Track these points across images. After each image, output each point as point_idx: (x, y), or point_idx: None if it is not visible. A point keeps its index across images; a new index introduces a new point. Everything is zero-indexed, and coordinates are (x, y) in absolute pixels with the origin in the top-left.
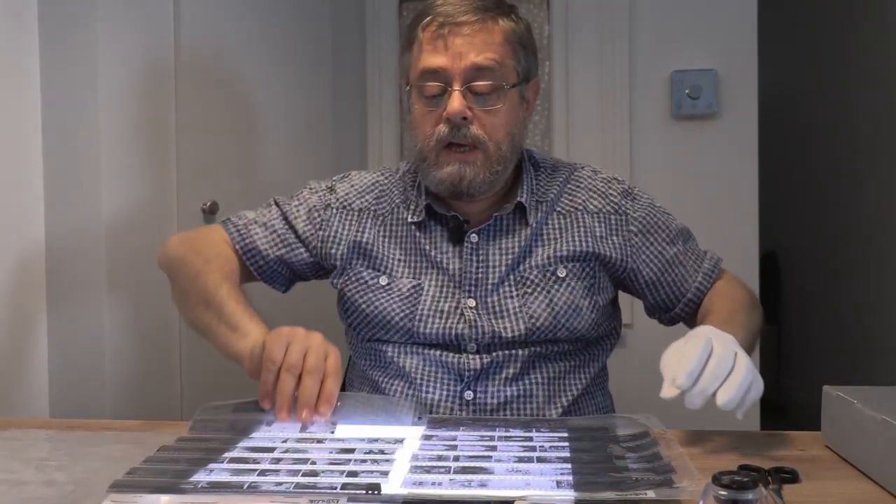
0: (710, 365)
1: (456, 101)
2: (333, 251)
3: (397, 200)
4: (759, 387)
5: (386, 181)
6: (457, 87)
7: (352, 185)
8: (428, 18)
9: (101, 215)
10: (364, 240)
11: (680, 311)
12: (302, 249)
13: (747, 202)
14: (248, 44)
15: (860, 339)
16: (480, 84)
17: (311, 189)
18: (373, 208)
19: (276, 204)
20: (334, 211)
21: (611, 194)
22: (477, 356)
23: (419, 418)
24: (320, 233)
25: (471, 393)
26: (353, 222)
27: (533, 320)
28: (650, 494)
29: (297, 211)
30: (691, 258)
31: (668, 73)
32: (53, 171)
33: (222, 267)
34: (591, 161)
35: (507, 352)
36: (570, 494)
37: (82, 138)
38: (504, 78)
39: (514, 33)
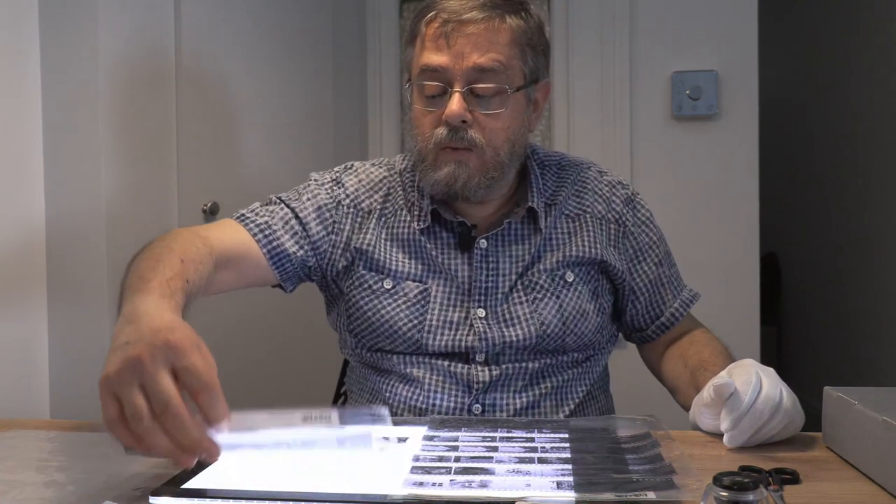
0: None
1: (455, 104)
2: (339, 255)
3: (401, 202)
4: (795, 425)
5: (391, 179)
6: (458, 88)
7: (360, 181)
8: (432, 14)
9: (102, 216)
10: (366, 243)
11: (652, 333)
12: (311, 251)
13: (748, 203)
14: (249, 44)
15: (860, 340)
16: (483, 86)
17: (316, 182)
18: (379, 208)
19: (283, 202)
20: (346, 210)
21: (614, 201)
22: (486, 368)
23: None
24: (332, 237)
25: (479, 406)
26: (360, 226)
27: (544, 327)
28: (651, 495)
29: (307, 210)
30: (674, 283)
31: (668, 74)
32: (54, 173)
33: (193, 258)
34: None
35: (515, 364)
36: (570, 495)
37: (82, 139)
38: (508, 81)
39: (523, 33)
